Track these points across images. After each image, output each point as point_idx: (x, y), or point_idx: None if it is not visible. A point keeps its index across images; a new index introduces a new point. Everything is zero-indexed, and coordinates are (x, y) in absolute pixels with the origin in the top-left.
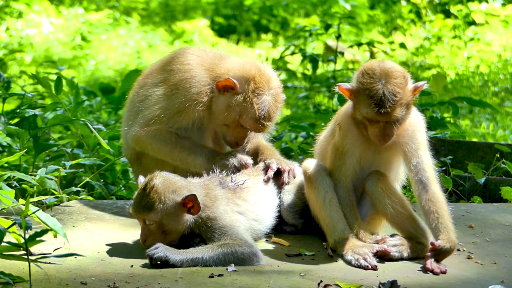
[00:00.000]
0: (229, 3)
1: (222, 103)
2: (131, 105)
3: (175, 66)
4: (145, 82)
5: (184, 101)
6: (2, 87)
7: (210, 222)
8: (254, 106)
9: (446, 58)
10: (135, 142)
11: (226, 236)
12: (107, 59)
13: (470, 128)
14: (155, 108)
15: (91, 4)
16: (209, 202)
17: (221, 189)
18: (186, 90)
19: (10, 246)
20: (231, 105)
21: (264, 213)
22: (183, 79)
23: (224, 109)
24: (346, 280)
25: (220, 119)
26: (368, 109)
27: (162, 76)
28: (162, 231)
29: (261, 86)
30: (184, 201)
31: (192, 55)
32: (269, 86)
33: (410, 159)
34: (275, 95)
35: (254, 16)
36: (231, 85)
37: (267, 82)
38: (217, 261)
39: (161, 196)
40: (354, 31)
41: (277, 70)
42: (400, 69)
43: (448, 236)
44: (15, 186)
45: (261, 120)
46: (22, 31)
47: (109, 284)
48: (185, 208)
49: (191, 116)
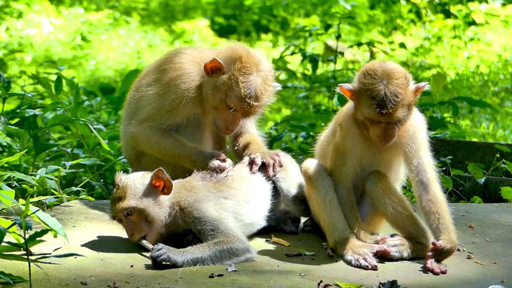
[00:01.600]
0: (229, 3)
1: (210, 85)
2: (128, 106)
3: (167, 66)
4: (140, 84)
5: (175, 98)
6: (2, 87)
7: (191, 209)
8: (240, 85)
9: (446, 58)
10: (132, 140)
11: (218, 232)
12: (107, 59)
13: (470, 128)
14: (150, 108)
15: (91, 4)
16: (185, 192)
17: (201, 182)
18: (177, 87)
19: (10, 246)
20: (217, 84)
21: (254, 196)
22: (174, 77)
23: (211, 90)
24: (346, 280)
25: (209, 101)
26: (369, 110)
27: (155, 76)
28: (145, 219)
29: (248, 66)
30: (154, 181)
31: (184, 54)
32: (257, 68)
33: (410, 159)
34: (264, 77)
35: (254, 16)
36: (217, 65)
37: (256, 63)
38: (215, 258)
39: (131, 183)
40: (354, 31)
41: (277, 70)
42: (402, 70)
43: (449, 237)
44: (15, 186)
45: (247, 99)
46: (22, 31)
47: (109, 284)
48: (158, 189)
49: (184, 113)
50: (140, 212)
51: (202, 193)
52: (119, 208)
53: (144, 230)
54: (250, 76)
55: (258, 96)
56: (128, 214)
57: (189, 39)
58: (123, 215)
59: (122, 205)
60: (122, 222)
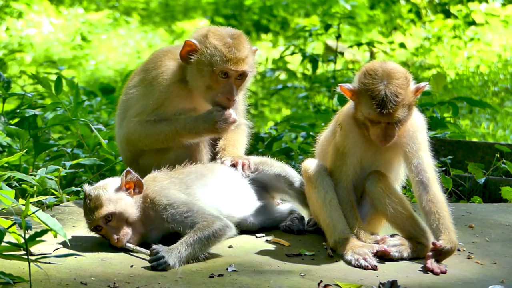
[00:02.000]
0: (229, 3)
1: (194, 70)
2: (118, 109)
3: (149, 66)
4: (127, 86)
5: (159, 95)
6: (2, 87)
7: (160, 197)
8: (219, 47)
9: (446, 58)
10: (126, 142)
11: (194, 213)
12: (107, 59)
13: (470, 128)
14: (137, 107)
15: (91, 4)
16: (151, 184)
17: (162, 172)
18: (160, 84)
19: (10, 246)
20: (200, 62)
21: (216, 182)
22: (155, 76)
23: (196, 73)
24: (346, 280)
25: (200, 86)
26: (370, 110)
27: (139, 77)
28: (125, 222)
29: (219, 33)
30: (125, 183)
31: (164, 51)
32: (228, 33)
33: (411, 160)
34: (237, 37)
35: (254, 16)
36: (191, 45)
37: (226, 31)
38: (202, 246)
39: (102, 191)
40: (354, 31)
41: (277, 70)
42: (402, 70)
43: (449, 237)
44: (15, 186)
45: (231, 55)
46: (22, 31)
47: (109, 284)
48: (131, 190)
49: (173, 108)
50: (120, 216)
51: (166, 181)
52: (98, 216)
53: (128, 232)
54: (225, 39)
55: (239, 49)
56: (108, 220)
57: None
58: (103, 222)
59: (101, 212)
60: (101, 231)
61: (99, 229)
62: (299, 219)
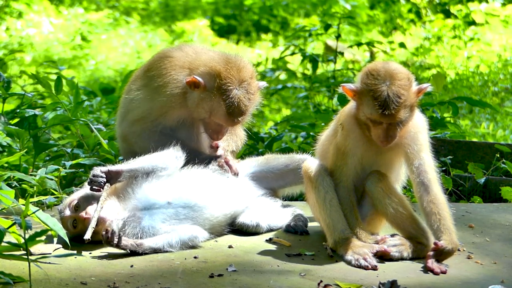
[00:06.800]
0: (229, 3)
1: (195, 99)
2: (120, 109)
3: (154, 72)
4: (130, 88)
5: (163, 104)
6: (2, 87)
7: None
8: (222, 104)
9: (446, 58)
10: (123, 140)
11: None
12: (107, 59)
13: (470, 128)
14: (140, 110)
15: (91, 4)
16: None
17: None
18: (164, 94)
19: (10, 246)
20: (200, 102)
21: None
22: (161, 85)
23: (196, 106)
24: (346, 280)
25: (195, 113)
26: (372, 110)
27: (143, 82)
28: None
29: (228, 82)
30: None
31: (168, 58)
32: (239, 79)
33: (412, 160)
34: (247, 86)
35: (254, 16)
36: (197, 83)
37: (236, 75)
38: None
39: (75, 196)
40: (354, 31)
41: (277, 70)
42: (405, 71)
43: (450, 238)
44: (15, 186)
45: (232, 116)
46: (22, 31)
47: (109, 284)
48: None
49: (174, 117)
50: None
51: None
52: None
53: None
54: (232, 92)
55: (243, 110)
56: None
57: (189, 39)
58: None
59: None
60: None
61: (75, 225)
62: (303, 220)
